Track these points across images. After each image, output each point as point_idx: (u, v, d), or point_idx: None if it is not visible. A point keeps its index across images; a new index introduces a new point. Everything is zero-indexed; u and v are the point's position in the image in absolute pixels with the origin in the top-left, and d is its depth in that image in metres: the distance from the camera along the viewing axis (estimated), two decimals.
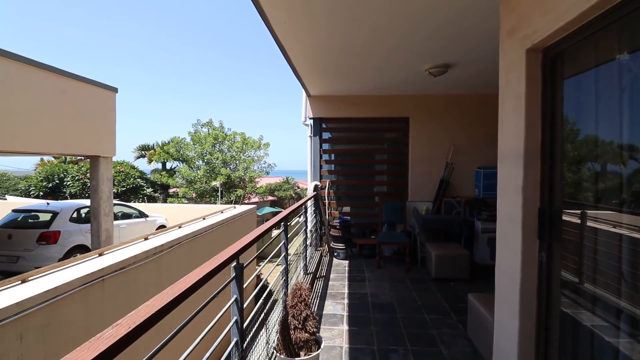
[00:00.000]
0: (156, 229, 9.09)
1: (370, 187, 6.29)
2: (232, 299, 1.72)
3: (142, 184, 20.70)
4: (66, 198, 17.82)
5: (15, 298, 2.94)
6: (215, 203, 18.68)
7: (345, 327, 3.18)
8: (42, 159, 22.51)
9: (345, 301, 3.74)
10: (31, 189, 18.80)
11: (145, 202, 18.91)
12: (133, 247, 4.94)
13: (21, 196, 17.61)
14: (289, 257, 3.08)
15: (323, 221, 5.59)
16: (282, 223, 2.82)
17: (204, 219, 7.67)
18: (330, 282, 4.32)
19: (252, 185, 20.60)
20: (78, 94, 5.24)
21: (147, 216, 8.80)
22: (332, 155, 6.22)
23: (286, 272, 2.93)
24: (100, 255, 4.47)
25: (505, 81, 1.97)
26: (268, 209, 30.46)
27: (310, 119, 5.89)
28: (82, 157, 12.91)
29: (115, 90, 6.08)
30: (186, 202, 19.45)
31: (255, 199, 25.72)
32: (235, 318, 1.72)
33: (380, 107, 5.82)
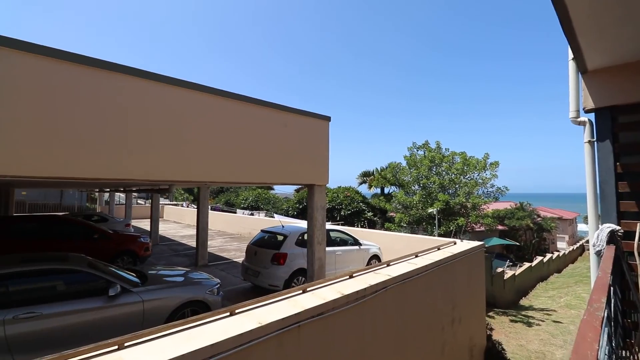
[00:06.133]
0: (369, 259, 8.74)
1: None
2: None
3: (364, 208, 22.31)
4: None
5: (211, 339, 2.80)
6: (432, 232, 17.06)
7: None
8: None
9: None
10: (289, 209, 24.52)
11: (365, 225, 20.10)
12: (335, 286, 4.41)
13: (283, 215, 23.26)
14: None
15: (634, 302, 2.92)
16: None
17: (416, 256, 6.43)
18: None
19: (476, 213, 17.47)
20: (295, 125, 5.51)
21: (360, 244, 8.60)
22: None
23: None
24: (303, 292, 4.18)
25: None
26: (497, 240, 25.29)
27: (588, 112, 3.46)
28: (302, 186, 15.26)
29: (328, 119, 6.15)
30: (405, 225, 18.98)
31: (481, 229, 21.86)
32: None
33: None
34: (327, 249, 6.61)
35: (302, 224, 9.50)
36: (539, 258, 21.54)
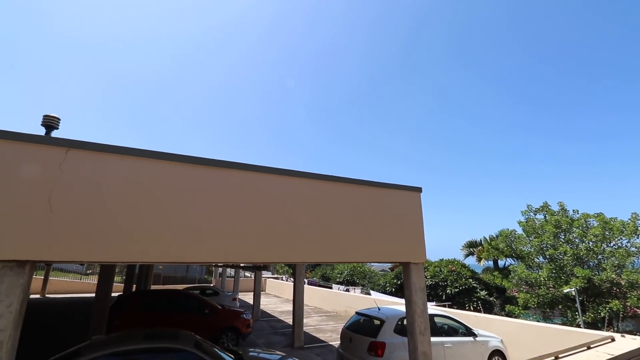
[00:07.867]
0: (489, 355, 7.09)
1: None
2: None
3: (475, 285, 19.20)
4: None
5: None
6: (575, 319, 13.25)
7: None
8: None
9: None
10: (386, 285, 22.80)
11: (480, 307, 16.98)
12: None
13: (380, 291, 21.65)
14: None
15: None
16: None
17: (556, 358, 4.95)
18: None
19: (637, 294, 13.17)
20: (384, 200, 5.37)
21: (475, 335, 7.14)
22: None
23: None
24: None
25: None
26: None
27: None
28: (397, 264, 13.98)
29: (419, 190, 5.84)
30: (534, 307, 15.35)
31: None
32: None
33: None
34: (433, 339, 5.66)
35: (401, 303, 8.54)
36: None
